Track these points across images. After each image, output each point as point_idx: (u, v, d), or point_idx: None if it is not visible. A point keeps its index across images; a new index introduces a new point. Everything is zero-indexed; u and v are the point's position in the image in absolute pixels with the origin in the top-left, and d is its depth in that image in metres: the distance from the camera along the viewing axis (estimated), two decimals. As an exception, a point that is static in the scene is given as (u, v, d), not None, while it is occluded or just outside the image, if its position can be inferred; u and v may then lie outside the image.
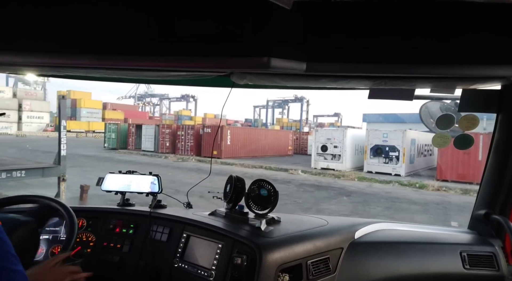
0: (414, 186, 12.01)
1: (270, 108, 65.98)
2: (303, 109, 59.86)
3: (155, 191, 1.63)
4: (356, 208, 8.66)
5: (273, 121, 62.45)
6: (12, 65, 1.07)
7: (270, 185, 1.41)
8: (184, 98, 67.85)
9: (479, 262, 1.46)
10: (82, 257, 1.48)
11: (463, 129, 1.46)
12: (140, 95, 70.63)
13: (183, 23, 0.90)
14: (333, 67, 0.97)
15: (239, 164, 16.90)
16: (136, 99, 70.76)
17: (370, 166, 14.79)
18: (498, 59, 0.92)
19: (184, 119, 51.65)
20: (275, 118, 63.28)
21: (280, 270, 1.18)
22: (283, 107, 65.81)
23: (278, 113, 66.87)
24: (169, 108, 70.75)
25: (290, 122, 59.53)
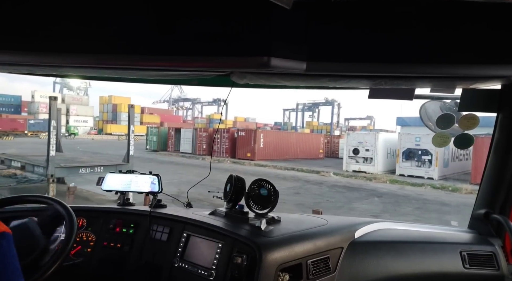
0: (447, 189, 12.12)
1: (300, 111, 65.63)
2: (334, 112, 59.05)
3: (155, 191, 1.62)
4: (387, 207, 9.10)
5: (302, 124, 62.13)
6: (13, 64, 1.08)
7: (270, 185, 1.42)
8: (215, 102, 69.32)
9: (479, 261, 1.46)
10: (82, 257, 1.48)
11: (463, 129, 1.46)
12: (174, 100, 73.16)
13: (183, 22, 0.90)
14: (333, 67, 0.98)
15: (271, 166, 17.66)
16: (170, 103, 73.56)
17: (402, 169, 14.95)
18: (498, 58, 0.92)
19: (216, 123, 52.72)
20: (305, 121, 62.87)
21: (280, 269, 1.18)
22: (313, 110, 65.19)
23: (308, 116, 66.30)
24: (201, 112, 72.70)
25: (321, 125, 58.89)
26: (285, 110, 69.55)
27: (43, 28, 0.92)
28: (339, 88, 1.32)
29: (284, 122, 65.33)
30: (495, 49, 0.91)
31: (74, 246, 1.43)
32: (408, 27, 0.91)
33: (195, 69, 1.08)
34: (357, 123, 67.33)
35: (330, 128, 54.96)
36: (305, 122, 62.43)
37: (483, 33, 0.90)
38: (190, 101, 72.79)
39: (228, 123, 54.42)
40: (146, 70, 1.11)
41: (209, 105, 72.35)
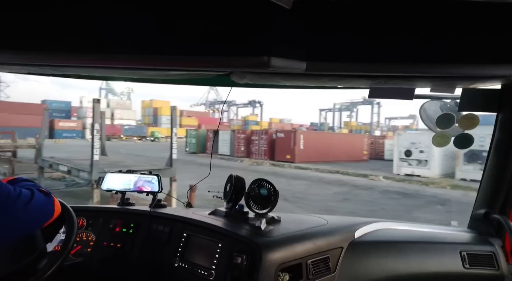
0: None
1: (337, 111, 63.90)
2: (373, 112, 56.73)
3: (155, 191, 1.62)
4: (456, 217, 7.98)
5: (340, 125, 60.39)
6: (13, 64, 1.07)
7: (270, 185, 1.41)
8: (250, 103, 69.69)
9: (479, 261, 1.46)
10: (82, 257, 1.47)
11: (463, 129, 1.44)
12: (210, 102, 74.72)
13: (183, 22, 0.89)
14: (333, 66, 0.97)
15: (313, 168, 16.85)
16: (207, 106, 75.11)
17: (463, 173, 13.39)
18: (498, 58, 0.92)
19: (251, 124, 53.00)
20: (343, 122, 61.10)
21: (280, 269, 1.17)
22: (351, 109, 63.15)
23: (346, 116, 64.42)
24: (237, 114, 73.46)
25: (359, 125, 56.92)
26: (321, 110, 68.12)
27: (43, 28, 0.91)
28: (340, 88, 1.32)
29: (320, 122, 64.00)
30: (495, 49, 0.91)
31: (74, 246, 1.39)
32: (408, 27, 0.91)
33: (195, 69, 1.07)
34: (399, 122, 63.91)
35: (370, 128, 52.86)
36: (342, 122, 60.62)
37: (483, 33, 0.90)
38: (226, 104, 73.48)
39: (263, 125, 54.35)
40: (146, 70, 1.09)
41: (244, 107, 72.92)
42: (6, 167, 12.64)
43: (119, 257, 1.49)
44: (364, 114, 71.98)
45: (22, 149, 16.80)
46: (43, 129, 9.44)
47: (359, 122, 61.15)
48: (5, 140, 18.33)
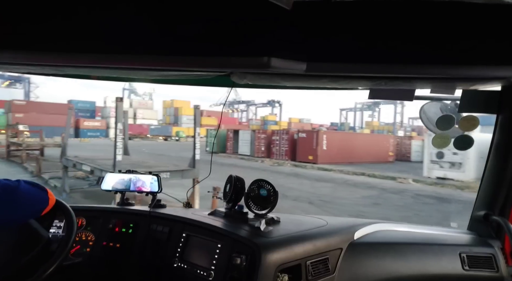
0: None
1: (359, 111, 62.61)
2: (396, 111, 55.13)
3: (155, 191, 1.61)
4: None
5: (361, 125, 59.15)
6: (13, 64, 1.06)
7: (270, 185, 1.40)
8: (270, 103, 69.60)
9: (479, 263, 1.45)
10: (81, 257, 1.46)
11: (463, 130, 1.44)
12: (229, 102, 75.05)
13: (184, 23, 0.89)
14: (333, 67, 0.96)
15: (337, 170, 16.29)
16: (227, 105, 75.40)
17: (502, 177, 12.41)
18: (498, 60, 0.91)
19: (270, 124, 52.86)
20: (364, 121, 59.78)
21: (280, 270, 1.17)
22: (373, 109, 61.78)
23: (367, 116, 63.03)
24: (256, 114, 73.48)
25: (382, 125, 55.52)
26: (342, 110, 67.06)
27: (43, 28, 0.91)
28: (339, 89, 1.32)
29: (340, 122, 62.92)
30: (495, 51, 0.91)
31: (73, 246, 1.39)
32: (408, 28, 0.91)
33: (195, 69, 1.07)
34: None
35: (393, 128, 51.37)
36: (364, 122, 59.26)
37: (483, 35, 0.90)
38: (244, 103, 73.94)
39: (282, 124, 54.03)
40: (146, 70, 1.09)
41: (263, 107, 72.93)
42: (34, 165, 12.93)
43: (119, 257, 1.48)
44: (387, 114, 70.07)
45: (49, 147, 17.24)
46: (67, 128, 9.49)
47: (381, 122, 59.83)
48: (34, 139, 18.93)
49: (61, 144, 14.51)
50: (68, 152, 9.02)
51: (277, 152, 20.82)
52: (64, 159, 8.59)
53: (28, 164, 13.87)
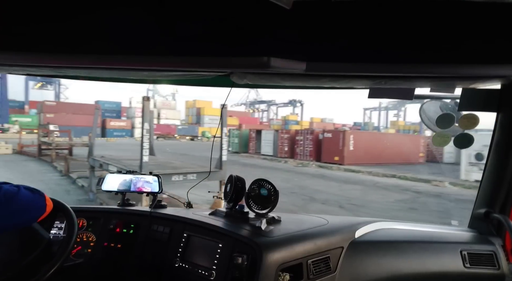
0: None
1: (383, 110, 60.84)
2: (424, 110, 52.74)
3: (155, 191, 1.60)
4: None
5: (386, 124, 57.45)
6: (13, 65, 1.06)
7: (270, 185, 1.39)
8: (291, 103, 69.12)
9: (480, 260, 1.45)
10: (83, 257, 1.45)
11: (463, 128, 1.44)
12: (250, 102, 75.25)
13: (183, 23, 0.89)
14: (333, 67, 0.96)
15: (365, 171, 15.60)
16: (248, 105, 75.67)
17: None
18: (498, 58, 0.92)
19: (291, 124, 52.42)
20: (389, 121, 58.00)
21: (281, 269, 1.16)
22: (399, 108, 59.90)
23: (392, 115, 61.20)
24: (277, 113, 73.14)
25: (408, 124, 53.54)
26: (365, 109, 65.58)
27: (43, 28, 0.91)
28: (339, 88, 1.32)
29: (364, 122, 61.35)
30: (495, 49, 0.91)
31: (74, 247, 1.37)
32: (408, 27, 0.90)
33: (195, 69, 1.07)
34: (453, 122, 58.83)
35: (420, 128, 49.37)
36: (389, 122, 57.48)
37: (483, 33, 0.90)
38: (265, 103, 73.81)
39: (303, 124, 53.39)
40: (146, 70, 1.09)
41: (284, 107, 72.55)
42: (62, 164, 13.21)
43: (120, 257, 1.47)
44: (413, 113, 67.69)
45: (77, 147, 17.67)
46: (94, 128, 9.54)
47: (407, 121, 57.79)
48: (63, 138, 19.51)
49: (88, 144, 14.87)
50: (95, 152, 9.04)
51: (301, 152, 20.33)
52: (91, 159, 8.59)
53: (57, 163, 14.21)
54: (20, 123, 34.43)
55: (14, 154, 18.51)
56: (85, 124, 33.26)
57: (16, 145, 19.31)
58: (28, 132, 23.96)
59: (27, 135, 22.12)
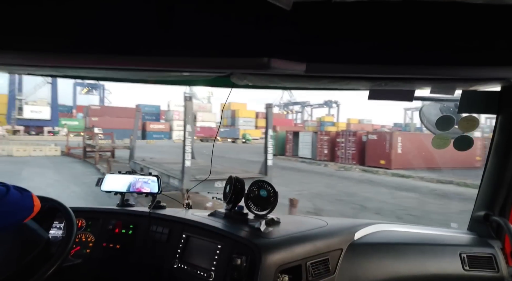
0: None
1: (427, 110, 56.83)
2: (474, 110, 48.69)
3: (155, 192, 1.59)
4: None
5: (430, 125, 53.51)
6: (13, 65, 1.06)
7: (270, 186, 1.39)
8: (326, 104, 67.49)
9: (479, 263, 1.45)
10: (81, 258, 1.42)
11: (462, 131, 1.45)
12: (284, 104, 74.57)
13: (184, 23, 0.89)
14: (333, 68, 0.97)
15: (416, 177, 14.25)
16: (282, 107, 75.04)
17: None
18: (498, 60, 0.92)
19: (327, 125, 51.02)
20: (434, 122, 54.04)
21: (280, 271, 1.16)
22: (445, 108, 55.62)
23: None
24: (311, 115, 71.74)
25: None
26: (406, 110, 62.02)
27: (43, 28, 0.92)
28: (339, 89, 1.33)
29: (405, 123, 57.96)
30: (495, 51, 0.91)
31: (73, 247, 1.38)
32: (408, 29, 0.91)
33: (195, 70, 1.08)
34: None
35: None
36: (434, 123, 53.58)
37: (483, 35, 0.90)
38: (299, 104, 72.76)
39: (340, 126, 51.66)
40: (146, 70, 1.09)
41: (319, 107, 70.99)
42: (105, 166, 13.47)
43: (119, 258, 1.47)
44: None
45: (119, 149, 18.15)
46: (135, 130, 9.47)
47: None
48: (106, 141, 20.20)
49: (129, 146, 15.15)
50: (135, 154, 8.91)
51: (342, 155, 19.22)
52: (132, 162, 8.46)
53: (100, 165, 14.57)
54: (68, 126, 36.75)
55: (62, 156, 19.47)
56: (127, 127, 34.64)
57: (64, 147, 20.32)
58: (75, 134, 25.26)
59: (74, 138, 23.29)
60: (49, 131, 37.82)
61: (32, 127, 37.76)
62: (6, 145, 21.07)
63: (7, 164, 14.95)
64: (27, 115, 38.01)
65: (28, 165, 14.62)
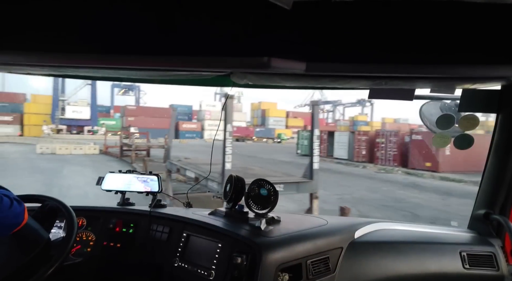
0: None
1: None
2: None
3: (155, 191, 1.59)
4: None
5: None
6: (13, 65, 1.06)
7: (270, 185, 1.39)
8: (359, 103, 65.17)
9: (479, 262, 1.46)
10: (82, 256, 1.44)
11: (463, 129, 1.44)
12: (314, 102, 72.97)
13: (184, 23, 0.89)
14: (333, 67, 0.97)
15: (469, 181, 12.92)
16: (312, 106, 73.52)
17: None
18: (498, 59, 0.93)
19: (360, 125, 49.16)
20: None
21: (280, 269, 1.16)
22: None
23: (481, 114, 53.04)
24: (343, 114, 69.68)
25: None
26: (448, 108, 57.83)
27: (43, 28, 0.92)
28: (339, 89, 1.34)
29: (446, 122, 54.19)
30: (495, 50, 0.92)
31: (73, 246, 1.37)
32: (408, 27, 0.91)
33: (195, 69, 1.08)
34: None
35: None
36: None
37: (483, 34, 0.91)
38: (331, 103, 70.88)
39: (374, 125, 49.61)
40: (146, 70, 1.10)
41: (352, 107, 68.74)
42: (141, 165, 13.56)
43: (119, 257, 1.47)
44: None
45: (154, 148, 18.36)
46: (171, 130, 9.28)
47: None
48: (141, 140, 20.59)
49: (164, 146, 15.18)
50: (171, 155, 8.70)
51: (382, 156, 18.10)
52: (168, 162, 8.24)
53: (136, 164, 14.73)
54: (106, 125, 38.33)
55: (100, 155, 20.10)
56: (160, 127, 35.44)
57: (102, 145, 20.99)
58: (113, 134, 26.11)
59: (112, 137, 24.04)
60: (88, 130, 39.67)
61: (73, 126, 39.80)
62: (50, 143, 22.19)
63: (50, 161, 15.59)
64: (69, 115, 40.09)
65: (69, 163, 15.13)
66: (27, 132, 36.76)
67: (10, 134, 34.35)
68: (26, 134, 35.72)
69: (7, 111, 38.62)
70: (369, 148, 19.14)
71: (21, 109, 39.53)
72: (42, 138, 30.59)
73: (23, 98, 43.04)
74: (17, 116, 38.42)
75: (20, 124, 38.24)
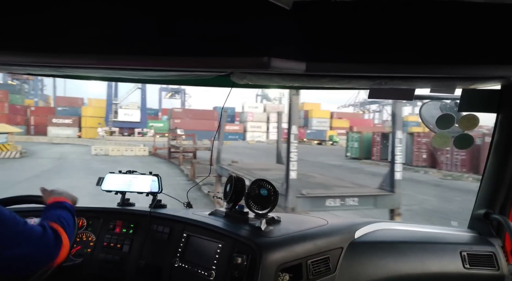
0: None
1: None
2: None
3: (155, 191, 1.60)
4: None
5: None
6: (13, 65, 1.07)
7: (270, 185, 1.39)
8: (410, 102, 60.71)
9: (479, 261, 1.46)
10: (82, 257, 1.46)
11: (463, 129, 1.44)
12: (360, 103, 69.89)
13: (183, 23, 0.91)
14: (333, 67, 0.98)
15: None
16: (358, 106, 70.40)
17: None
18: (498, 59, 0.93)
19: (411, 126, 45.55)
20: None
21: (280, 269, 1.17)
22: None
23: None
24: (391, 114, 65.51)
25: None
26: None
27: (43, 28, 0.93)
28: (339, 88, 1.35)
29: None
30: (495, 50, 0.93)
31: (73, 246, 1.44)
32: (408, 27, 0.92)
33: (195, 69, 1.09)
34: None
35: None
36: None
37: (483, 34, 0.92)
38: (377, 103, 67.09)
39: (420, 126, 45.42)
40: (146, 70, 1.11)
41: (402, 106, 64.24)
42: (188, 167, 13.38)
43: (119, 257, 1.46)
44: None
45: (200, 150, 18.27)
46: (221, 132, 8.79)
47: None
48: (187, 142, 20.71)
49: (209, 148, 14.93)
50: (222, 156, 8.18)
51: (447, 161, 16.22)
52: (219, 167, 7.74)
53: (184, 167, 14.63)
54: (155, 127, 39.85)
55: (149, 156, 20.57)
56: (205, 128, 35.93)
57: (151, 147, 21.49)
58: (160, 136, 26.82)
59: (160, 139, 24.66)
60: (138, 132, 41.60)
61: (125, 129, 42.00)
62: (104, 145, 23.31)
63: (104, 162, 16.14)
64: (121, 117, 42.39)
65: (121, 165, 15.52)
66: (84, 134, 39.51)
67: (70, 135, 37.18)
68: (84, 136, 38.39)
69: (67, 115, 41.97)
70: (430, 151, 17.26)
71: (79, 112, 42.67)
72: (97, 139, 32.53)
73: (81, 102, 46.53)
74: (76, 119, 41.53)
75: (78, 127, 41.25)
